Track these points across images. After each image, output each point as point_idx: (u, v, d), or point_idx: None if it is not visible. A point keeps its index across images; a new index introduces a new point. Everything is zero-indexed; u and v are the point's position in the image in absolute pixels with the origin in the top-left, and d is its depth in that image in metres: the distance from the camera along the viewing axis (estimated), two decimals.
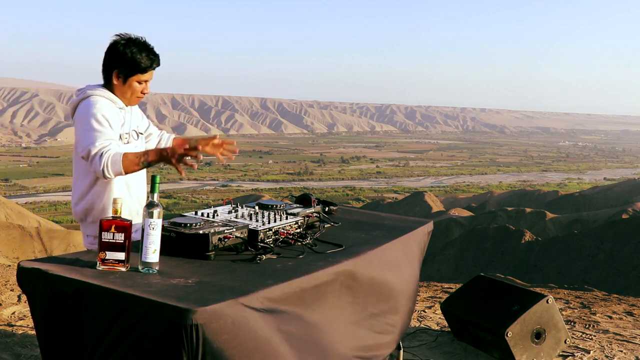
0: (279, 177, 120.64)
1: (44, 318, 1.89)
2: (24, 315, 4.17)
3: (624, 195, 65.55)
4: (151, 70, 2.61)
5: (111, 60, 2.57)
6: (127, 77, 2.58)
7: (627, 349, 3.85)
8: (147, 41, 2.60)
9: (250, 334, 1.78)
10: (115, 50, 2.55)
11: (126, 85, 2.59)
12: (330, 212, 3.17)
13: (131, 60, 2.54)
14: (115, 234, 1.94)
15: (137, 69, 2.56)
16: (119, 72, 2.57)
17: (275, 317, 1.89)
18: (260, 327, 1.82)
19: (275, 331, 1.89)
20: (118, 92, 2.61)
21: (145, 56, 2.56)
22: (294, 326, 1.98)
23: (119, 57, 2.55)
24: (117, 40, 2.57)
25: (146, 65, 2.57)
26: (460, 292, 3.98)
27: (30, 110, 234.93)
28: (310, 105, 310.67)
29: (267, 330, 1.86)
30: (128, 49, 2.54)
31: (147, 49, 2.58)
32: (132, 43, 2.55)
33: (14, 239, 23.10)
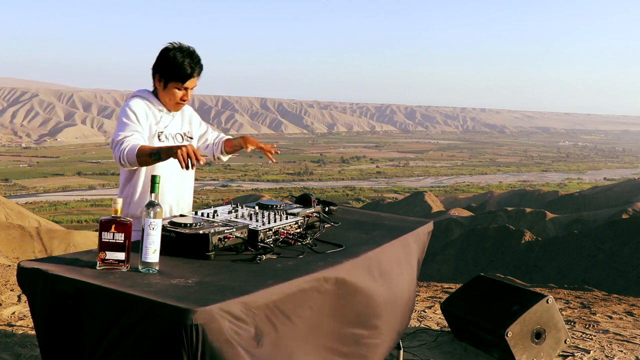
0: (279, 177, 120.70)
1: (44, 318, 1.89)
2: (24, 315, 4.17)
3: (624, 195, 65.57)
4: (191, 78, 2.65)
5: (156, 65, 2.66)
6: (167, 82, 2.65)
7: (627, 349, 3.85)
8: (194, 50, 2.66)
9: (249, 334, 1.78)
10: (162, 55, 2.63)
11: (166, 90, 2.67)
12: (330, 212, 3.17)
13: (172, 65, 2.60)
14: (115, 234, 1.94)
15: (176, 75, 2.62)
16: (160, 77, 2.65)
17: (275, 317, 1.89)
18: (260, 327, 1.82)
19: (275, 331, 1.89)
20: (160, 96, 2.71)
21: (187, 63, 2.61)
22: (294, 326, 1.98)
23: (163, 61, 2.62)
24: (166, 46, 2.65)
25: (185, 72, 2.61)
26: (460, 292, 3.98)
27: (30, 110, 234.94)
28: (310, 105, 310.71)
29: (268, 331, 1.86)
30: (172, 54, 2.60)
31: (191, 56, 2.63)
32: (178, 50, 2.62)
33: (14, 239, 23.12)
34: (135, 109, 2.62)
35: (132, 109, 2.61)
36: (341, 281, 2.27)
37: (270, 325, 1.87)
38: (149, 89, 2.75)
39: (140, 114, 2.62)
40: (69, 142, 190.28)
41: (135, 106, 2.63)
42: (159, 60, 2.64)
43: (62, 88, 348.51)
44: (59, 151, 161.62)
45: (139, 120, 2.60)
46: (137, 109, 2.62)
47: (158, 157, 2.45)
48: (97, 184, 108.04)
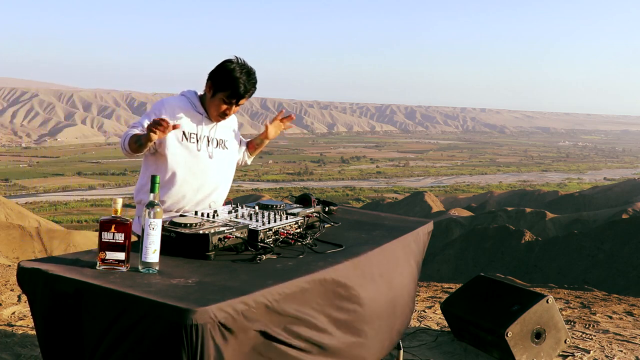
0: (279, 177, 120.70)
1: (44, 318, 1.89)
2: (24, 315, 4.17)
3: (624, 195, 65.58)
4: (242, 98, 2.64)
5: (213, 72, 2.64)
6: (216, 92, 2.63)
7: (627, 349, 3.85)
8: (254, 72, 2.65)
9: (250, 334, 1.78)
10: (221, 65, 2.62)
11: (213, 99, 2.65)
12: (330, 212, 3.17)
13: (227, 78, 2.58)
14: (115, 234, 1.94)
15: (227, 88, 2.60)
16: (212, 84, 2.64)
17: (275, 318, 1.89)
18: (260, 327, 1.82)
19: (275, 332, 1.89)
20: (206, 102, 2.70)
21: (243, 81, 2.59)
22: (294, 326, 1.98)
23: (220, 71, 2.61)
24: (230, 58, 2.63)
25: (238, 88, 2.60)
26: (460, 292, 3.98)
27: (30, 110, 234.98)
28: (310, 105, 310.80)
29: (267, 331, 1.86)
30: (231, 67, 2.58)
31: (248, 75, 2.61)
32: (238, 65, 2.60)
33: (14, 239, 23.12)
34: (165, 107, 2.61)
35: (164, 105, 2.62)
36: (341, 281, 2.27)
37: (270, 325, 1.87)
38: (198, 91, 2.73)
39: (166, 111, 2.59)
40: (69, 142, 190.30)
41: (170, 103, 2.63)
42: (218, 68, 2.62)
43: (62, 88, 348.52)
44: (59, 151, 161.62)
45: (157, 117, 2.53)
46: (166, 107, 2.61)
47: (140, 143, 2.47)
48: (97, 184, 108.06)
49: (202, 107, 2.70)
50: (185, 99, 2.69)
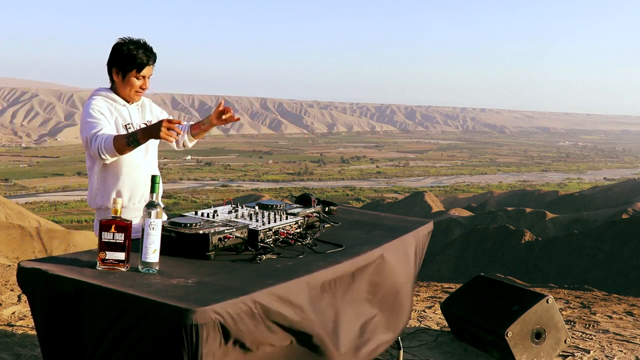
0: (279, 177, 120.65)
1: (44, 318, 1.89)
2: (24, 315, 4.17)
3: (624, 195, 65.57)
4: (148, 67, 2.72)
5: (112, 59, 2.73)
6: (125, 73, 2.71)
7: (627, 349, 3.85)
8: (145, 41, 2.75)
9: (250, 334, 1.78)
10: (115, 49, 2.71)
11: (125, 81, 2.73)
12: (330, 212, 3.17)
13: (128, 56, 2.67)
14: (115, 234, 1.94)
15: (134, 65, 2.69)
16: (117, 69, 2.72)
17: (275, 317, 1.89)
18: (260, 327, 1.82)
19: (275, 331, 1.89)
20: (119, 89, 2.76)
21: (142, 53, 2.69)
22: (294, 326, 1.98)
23: (118, 54, 2.70)
24: (118, 41, 2.73)
25: (142, 61, 2.69)
26: (460, 292, 3.98)
27: (30, 110, 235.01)
28: (310, 105, 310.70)
29: (267, 331, 1.86)
30: (126, 47, 2.68)
31: (144, 47, 2.72)
32: (130, 42, 2.71)
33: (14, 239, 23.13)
34: (97, 107, 2.67)
35: (94, 108, 2.66)
36: (341, 281, 2.27)
37: (270, 325, 1.87)
38: (106, 87, 2.79)
39: (104, 111, 2.67)
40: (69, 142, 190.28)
41: (97, 105, 2.68)
42: (114, 54, 2.71)
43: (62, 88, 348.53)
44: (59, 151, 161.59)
45: (104, 116, 2.65)
46: (100, 107, 2.67)
47: (135, 141, 2.49)
48: None
49: (120, 97, 2.76)
50: (104, 97, 2.73)
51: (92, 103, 2.69)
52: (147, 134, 2.48)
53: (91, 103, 2.70)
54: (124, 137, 2.52)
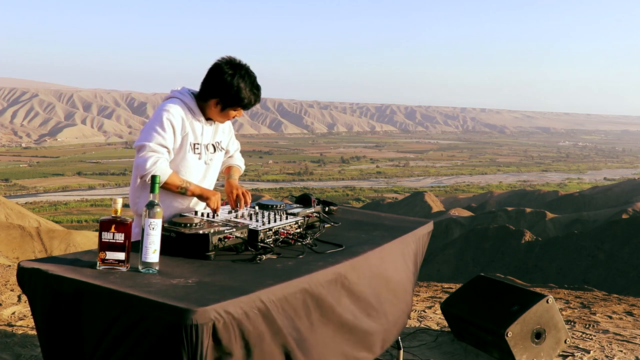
0: (279, 177, 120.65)
1: (44, 318, 1.89)
2: (24, 315, 4.17)
3: (624, 195, 65.55)
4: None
5: (214, 88, 2.55)
6: (225, 107, 2.59)
7: (627, 349, 3.85)
8: (252, 72, 2.58)
9: (250, 334, 1.78)
10: (221, 79, 2.53)
11: (222, 112, 2.61)
12: (330, 212, 3.17)
13: (236, 95, 2.54)
14: (115, 234, 1.94)
15: (239, 104, 2.58)
16: (218, 102, 2.57)
17: (275, 317, 1.89)
18: (260, 327, 1.82)
19: (275, 331, 1.89)
20: (210, 113, 2.62)
21: (250, 92, 2.56)
22: (294, 326, 1.98)
23: (224, 88, 2.53)
24: (222, 66, 2.54)
25: (249, 102, 2.58)
26: (460, 292, 3.98)
27: (30, 110, 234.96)
28: (310, 105, 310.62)
29: (267, 331, 1.86)
30: (235, 82, 2.52)
31: (252, 84, 2.57)
32: (238, 75, 2.53)
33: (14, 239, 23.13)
34: (172, 118, 2.51)
35: (169, 118, 2.50)
36: (341, 281, 2.27)
37: (270, 325, 1.87)
38: (191, 90, 2.64)
39: (177, 126, 2.52)
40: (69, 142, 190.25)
41: (174, 114, 2.52)
42: (218, 85, 2.53)
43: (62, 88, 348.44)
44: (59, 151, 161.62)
45: (174, 133, 2.52)
46: (174, 118, 2.52)
47: (184, 193, 2.55)
48: (97, 184, 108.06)
49: (200, 110, 2.62)
50: (184, 106, 2.58)
51: (170, 110, 2.52)
52: (197, 195, 2.54)
53: (168, 110, 2.52)
54: (177, 183, 2.50)
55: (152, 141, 2.46)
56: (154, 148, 2.46)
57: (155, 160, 2.44)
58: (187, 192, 2.54)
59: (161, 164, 2.45)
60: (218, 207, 2.56)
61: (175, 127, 2.52)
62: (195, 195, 2.56)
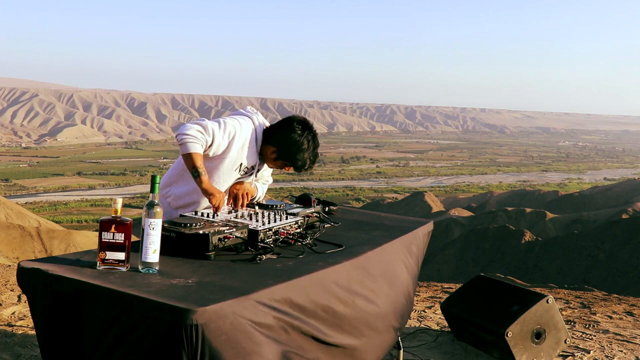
0: (279, 177, 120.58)
1: (44, 318, 1.89)
2: (24, 315, 4.17)
3: (624, 195, 65.52)
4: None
5: (279, 137, 2.68)
6: (278, 159, 2.70)
7: (627, 349, 3.85)
8: (317, 141, 2.70)
9: (249, 335, 1.78)
10: (288, 134, 2.65)
11: (274, 161, 2.72)
12: (330, 212, 3.17)
13: (294, 155, 2.66)
14: (115, 234, 1.94)
15: (292, 163, 2.69)
16: (276, 151, 2.69)
17: (275, 317, 1.89)
18: (260, 327, 1.82)
19: (275, 332, 1.89)
20: (264, 152, 2.72)
21: (308, 157, 2.69)
22: (294, 326, 1.98)
23: (287, 142, 2.65)
24: (294, 123, 2.66)
25: (302, 165, 2.69)
26: (460, 292, 3.98)
27: (30, 110, 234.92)
28: (310, 105, 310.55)
29: (267, 331, 1.86)
30: (299, 142, 2.64)
31: (313, 151, 2.70)
32: (306, 137, 2.65)
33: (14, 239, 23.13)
34: (239, 134, 2.61)
35: (237, 131, 2.60)
36: (341, 281, 2.27)
37: (270, 325, 1.87)
38: (263, 122, 2.73)
39: (239, 141, 2.62)
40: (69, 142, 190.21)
41: (243, 132, 2.63)
42: (284, 138, 2.65)
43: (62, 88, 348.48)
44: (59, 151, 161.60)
45: (232, 142, 2.60)
46: (240, 135, 2.62)
47: (196, 177, 2.54)
48: (97, 184, 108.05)
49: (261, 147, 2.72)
50: (254, 133, 2.67)
51: (242, 124, 2.64)
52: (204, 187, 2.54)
53: (241, 122, 2.64)
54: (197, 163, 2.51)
55: (210, 124, 2.54)
56: (206, 126, 2.53)
57: (196, 133, 2.50)
58: (198, 178, 2.54)
59: (199, 139, 2.50)
60: (220, 206, 2.57)
61: (236, 139, 2.61)
62: (202, 187, 2.55)
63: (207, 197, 2.58)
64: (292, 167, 2.71)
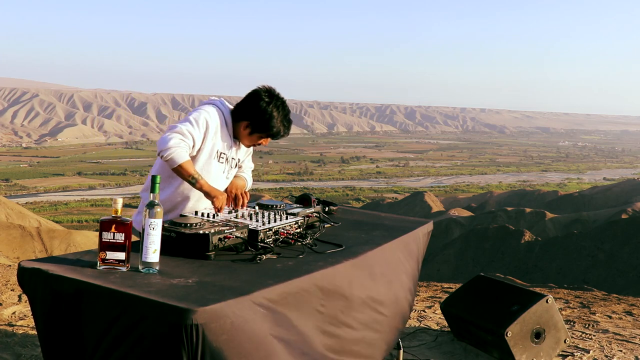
0: (279, 177, 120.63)
1: (44, 318, 1.90)
2: (24, 315, 4.17)
3: (623, 195, 65.54)
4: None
5: (248, 111, 2.64)
6: (254, 132, 2.67)
7: (627, 348, 3.86)
8: (287, 107, 2.67)
9: (250, 334, 1.79)
10: (255, 104, 2.61)
11: (250, 136, 2.68)
12: (330, 212, 3.17)
13: (267, 122, 2.62)
14: (115, 234, 1.94)
15: (267, 132, 2.65)
16: (249, 125, 2.65)
17: (275, 317, 1.89)
18: (260, 327, 1.83)
19: (275, 331, 1.89)
20: (239, 133, 2.69)
21: (281, 123, 2.65)
22: (294, 326, 1.99)
23: (257, 113, 2.62)
24: (260, 92, 2.62)
25: (277, 132, 2.66)
26: (460, 292, 3.98)
27: (30, 110, 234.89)
28: (310, 105, 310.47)
29: (267, 331, 1.86)
30: (269, 109, 2.60)
31: (285, 116, 2.66)
32: (274, 104, 2.62)
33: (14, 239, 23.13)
34: (211, 122, 2.59)
35: (207, 119, 2.58)
36: (341, 281, 2.27)
37: (270, 325, 1.87)
38: (228, 105, 2.71)
39: (212, 129, 2.59)
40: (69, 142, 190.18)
41: (212, 118, 2.60)
42: (254, 111, 2.61)
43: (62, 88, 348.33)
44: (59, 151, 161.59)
45: (206, 133, 2.58)
46: (212, 123, 2.59)
47: (193, 184, 2.54)
48: (97, 184, 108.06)
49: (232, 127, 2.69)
50: (221, 116, 2.66)
51: (209, 112, 2.60)
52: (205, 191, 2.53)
53: (208, 112, 2.60)
54: (190, 171, 2.50)
55: (184, 127, 2.52)
56: (182, 131, 2.51)
57: (178, 142, 2.48)
58: (197, 184, 2.54)
59: (183, 146, 2.49)
60: (222, 207, 2.57)
61: (209, 129, 2.59)
62: (203, 191, 2.55)
63: (210, 200, 2.57)
64: (268, 136, 2.67)
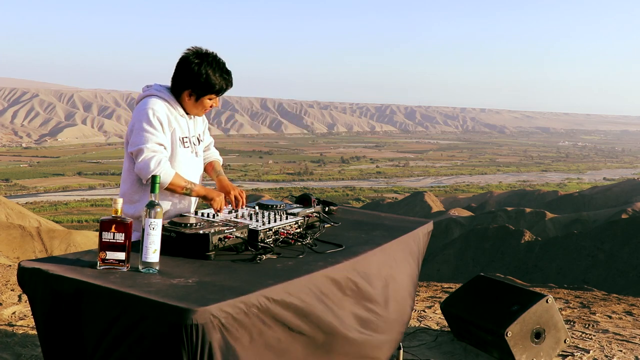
0: (279, 177, 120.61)
1: (44, 318, 1.90)
2: (24, 315, 4.17)
3: (623, 195, 65.54)
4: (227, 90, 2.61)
5: (184, 79, 2.53)
6: (199, 97, 2.57)
7: (627, 348, 3.86)
8: (220, 59, 2.56)
9: (250, 334, 1.79)
10: (189, 69, 2.51)
11: (197, 103, 2.59)
12: (330, 212, 3.17)
13: (206, 82, 2.51)
14: (115, 234, 1.94)
15: (211, 91, 2.55)
16: (191, 92, 2.55)
17: (275, 317, 1.89)
18: (260, 327, 1.83)
19: (275, 331, 1.89)
20: (186, 105, 2.60)
21: (220, 77, 2.53)
22: (294, 326, 1.98)
23: (193, 77, 2.51)
24: (189, 56, 2.52)
25: (221, 87, 2.55)
26: (460, 292, 3.99)
27: (30, 110, 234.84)
28: (310, 105, 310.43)
29: (267, 330, 1.86)
30: (203, 70, 2.49)
31: (222, 69, 2.54)
32: (206, 63, 2.51)
33: (14, 239, 23.13)
34: (158, 113, 2.48)
35: (154, 114, 2.47)
36: (341, 282, 2.27)
37: (270, 325, 1.87)
38: (165, 86, 2.61)
39: (164, 121, 2.50)
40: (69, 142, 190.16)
41: (158, 110, 2.49)
42: (187, 76, 2.51)
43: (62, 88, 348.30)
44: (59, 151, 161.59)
45: (163, 129, 2.49)
46: (160, 114, 2.49)
47: (188, 194, 2.54)
48: (97, 184, 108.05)
49: (179, 105, 2.60)
50: (165, 102, 2.56)
51: (153, 107, 2.48)
52: (202, 196, 2.52)
53: (152, 106, 2.48)
54: (182, 183, 2.48)
55: (148, 143, 2.42)
56: (152, 148, 2.43)
57: (158, 160, 2.41)
58: (192, 193, 2.53)
59: (164, 164, 2.43)
60: (222, 208, 2.56)
61: (163, 123, 2.50)
62: (200, 196, 2.54)
63: (209, 202, 2.56)
64: (214, 94, 2.57)
